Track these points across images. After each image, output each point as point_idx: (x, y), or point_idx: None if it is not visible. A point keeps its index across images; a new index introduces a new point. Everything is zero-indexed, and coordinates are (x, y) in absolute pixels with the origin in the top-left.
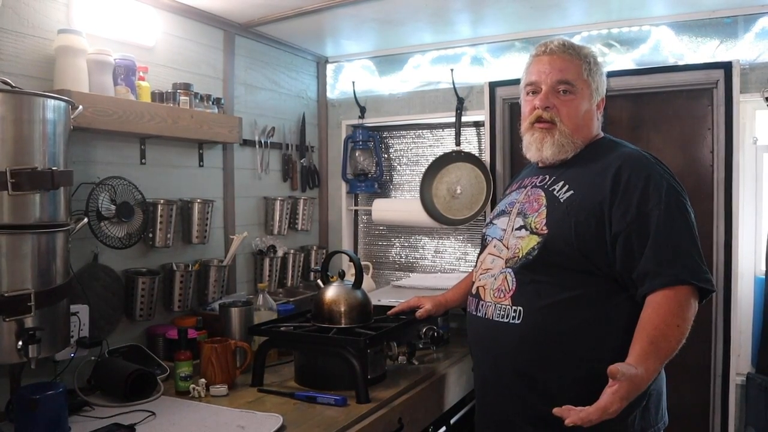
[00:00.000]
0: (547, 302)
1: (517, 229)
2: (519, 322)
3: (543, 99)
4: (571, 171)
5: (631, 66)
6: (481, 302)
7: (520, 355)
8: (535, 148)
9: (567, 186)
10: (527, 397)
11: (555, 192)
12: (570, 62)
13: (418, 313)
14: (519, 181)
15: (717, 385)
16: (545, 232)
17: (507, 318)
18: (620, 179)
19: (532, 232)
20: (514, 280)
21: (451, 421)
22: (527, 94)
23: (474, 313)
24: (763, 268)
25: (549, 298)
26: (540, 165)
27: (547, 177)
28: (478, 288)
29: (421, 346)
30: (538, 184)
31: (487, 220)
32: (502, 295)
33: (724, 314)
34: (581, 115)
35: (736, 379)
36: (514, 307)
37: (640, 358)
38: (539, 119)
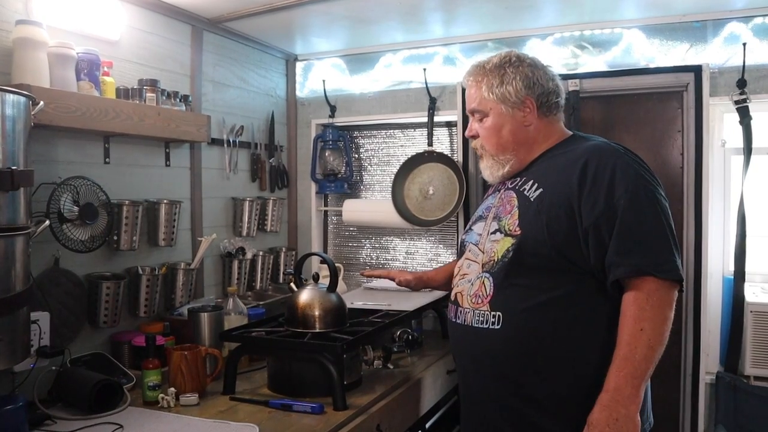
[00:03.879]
0: (527, 305)
1: (492, 233)
2: (499, 327)
3: (467, 131)
4: (539, 169)
5: (603, 68)
6: (460, 309)
7: (502, 361)
8: (481, 171)
9: (536, 184)
10: (512, 403)
11: (525, 192)
12: (474, 88)
13: (397, 279)
14: (494, 185)
15: (687, 383)
16: (518, 233)
17: (486, 324)
18: (587, 172)
19: (506, 235)
20: (492, 284)
21: (427, 426)
22: None
23: (453, 320)
24: (732, 269)
25: (528, 301)
26: None
27: (518, 178)
28: (456, 294)
29: (395, 349)
30: (509, 186)
31: (466, 227)
32: (479, 301)
33: (694, 314)
34: (501, 134)
35: (705, 378)
36: (492, 313)
37: (615, 387)
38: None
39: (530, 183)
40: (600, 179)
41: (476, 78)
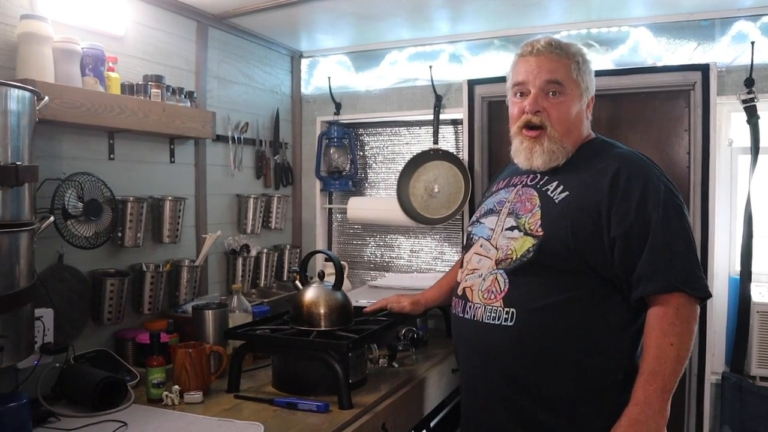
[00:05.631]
0: (542, 304)
1: (508, 230)
2: (512, 324)
3: (532, 103)
4: (564, 171)
5: (610, 66)
6: (469, 303)
7: (512, 359)
8: (524, 156)
9: (562, 186)
10: (520, 402)
11: (549, 192)
12: (558, 62)
13: (391, 306)
14: (506, 179)
15: (692, 383)
16: (540, 233)
17: (498, 320)
18: (619, 181)
19: (526, 234)
20: (507, 281)
21: (431, 424)
22: (515, 95)
23: (461, 315)
24: (738, 269)
25: (543, 300)
26: None
27: (539, 176)
28: (464, 289)
29: (400, 348)
30: (529, 183)
31: (473, 218)
32: (492, 297)
33: (700, 314)
34: (572, 118)
35: (711, 378)
36: (506, 309)
37: (644, 401)
38: (528, 125)
39: (554, 184)
40: (632, 189)
41: (559, 53)
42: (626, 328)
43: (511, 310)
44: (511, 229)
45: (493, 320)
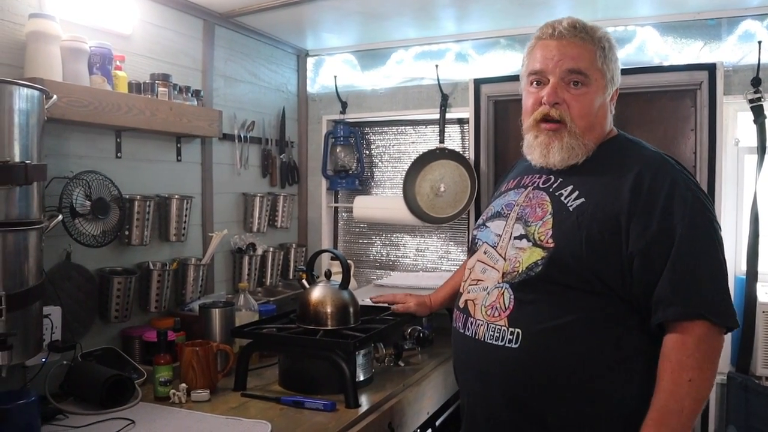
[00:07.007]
0: (550, 325)
1: (516, 238)
2: (516, 346)
3: (551, 94)
4: (581, 173)
5: None
6: (471, 319)
7: (516, 384)
8: (540, 153)
9: (577, 192)
10: (523, 429)
11: (563, 198)
12: (583, 48)
13: (396, 306)
14: (517, 178)
15: None
16: (551, 245)
17: (502, 341)
18: (641, 188)
19: (535, 244)
20: (512, 297)
21: (437, 423)
22: (531, 84)
23: (461, 330)
24: (744, 269)
25: (552, 321)
26: None
27: (552, 178)
28: (466, 302)
29: (406, 347)
30: (541, 186)
31: (479, 220)
32: (496, 314)
33: None
34: (595, 112)
35: (716, 378)
36: (510, 329)
37: None
38: (546, 118)
39: (569, 189)
40: (655, 198)
41: (584, 37)
42: (643, 355)
43: (517, 330)
44: (520, 237)
45: (496, 340)
